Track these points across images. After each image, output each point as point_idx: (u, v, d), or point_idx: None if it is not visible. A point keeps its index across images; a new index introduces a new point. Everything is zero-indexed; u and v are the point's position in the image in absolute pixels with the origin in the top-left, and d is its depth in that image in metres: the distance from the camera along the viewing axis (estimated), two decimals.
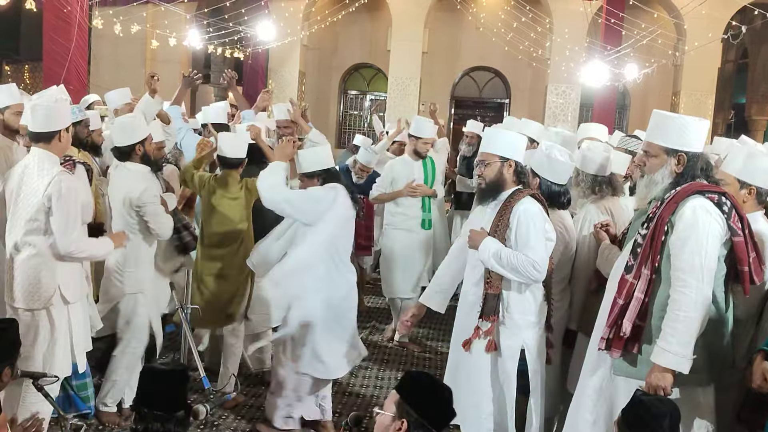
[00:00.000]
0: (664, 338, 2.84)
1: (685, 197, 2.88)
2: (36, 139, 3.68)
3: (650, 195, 3.06)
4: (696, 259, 2.81)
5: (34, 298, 3.62)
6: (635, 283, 2.95)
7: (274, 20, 14.31)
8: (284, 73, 15.66)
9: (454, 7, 14.74)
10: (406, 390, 2.46)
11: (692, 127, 2.97)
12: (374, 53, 16.44)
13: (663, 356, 2.83)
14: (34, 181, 3.60)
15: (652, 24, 12.88)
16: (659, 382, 2.84)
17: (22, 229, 3.62)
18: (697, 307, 2.80)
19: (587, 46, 14.26)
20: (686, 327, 2.80)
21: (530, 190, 3.64)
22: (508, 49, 14.67)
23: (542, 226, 3.46)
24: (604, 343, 3.02)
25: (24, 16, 16.31)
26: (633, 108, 15.98)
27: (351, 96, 17.41)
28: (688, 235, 2.83)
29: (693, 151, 2.95)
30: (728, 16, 12.80)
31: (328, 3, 15.38)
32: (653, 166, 3.02)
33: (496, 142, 3.65)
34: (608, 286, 3.26)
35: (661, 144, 2.99)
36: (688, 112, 13.10)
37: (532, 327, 3.55)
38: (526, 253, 3.39)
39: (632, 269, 2.97)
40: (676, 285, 2.84)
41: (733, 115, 18.02)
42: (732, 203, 2.91)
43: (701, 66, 14.22)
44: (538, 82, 15.65)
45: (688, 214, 2.85)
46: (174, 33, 13.50)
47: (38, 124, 3.65)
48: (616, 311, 2.99)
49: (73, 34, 9.49)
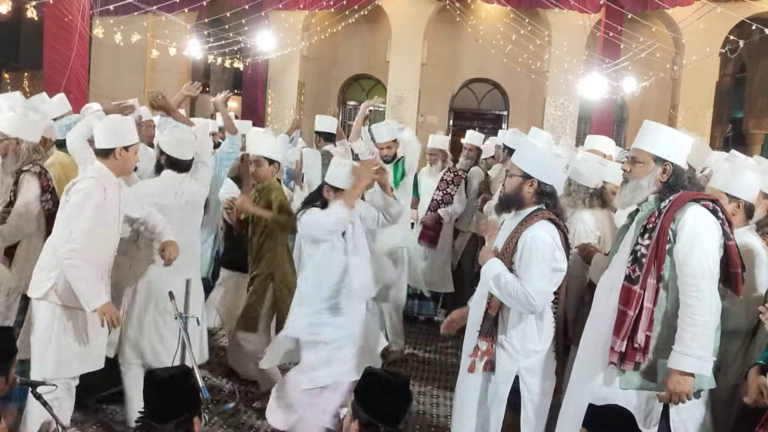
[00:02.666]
0: (684, 343, 2.86)
1: (683, 206, 2.96)
2: None
3: (635, 200, 3.14)
4: (704, 264, 2.89)
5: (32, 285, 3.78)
6: (642, 294, 2.97)
7: (273, 31, 14.37)
8: (284, 84, 15.70)
9: (453, 20, 14.81)
10: (359, 390, 2.51)
11: (681, 141, 3.09)
12: (373, 64, 16.49)
13: (685, 361, 2.85)
14: None
15: (650, 38, 12.95)
16: (681, 388, 2.87)
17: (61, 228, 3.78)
18: (712, 310, 2.87)
19: (586, 59, 14.32)
20: (704, 330, 2.85)
21: (548, 213, 3.43)
22: (506, 62, 14.73)
23: (549, 256, 3.32)
24: (617, 356, 3.01)
25: (24, 24, 16.36)
26: (631, 121, 16.03)
27: (350, 107, 17.44)
28: (693, 241, 2.90)
29: (678, 164, 3.07)
30: (726, 30, 12.87)
31: (327, 14, 15.44)
32: (640, 172, 3.10)
33: (524, 157, 3.51)
34: (597, 298, 3.28)
35: (650, 151, 3.08)
36: (686, 126, 13.15)
37: (531, 355, 3.43)
38: (523, 282, 3.28)
39: (638, 280, 2.99)
40: (689, 291, 2.89)
41: (731, 129, 18.08)
42: (722, 210, 3.02)
43: (699, 80, 14.28)
44: (537, 95, 15.70)
45: (690, 222, 2.92)
46: (174, 42, 13.55)
47: None
48: (628, 323, 2.98)
49: (73, 42, 9.53)
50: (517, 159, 3.52)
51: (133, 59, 14.73)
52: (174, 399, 2.45)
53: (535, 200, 3.46)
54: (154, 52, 14.00)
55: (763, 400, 2.71)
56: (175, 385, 2.49)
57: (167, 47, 13.43)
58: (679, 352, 2.87)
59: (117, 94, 9.97)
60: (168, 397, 2.45)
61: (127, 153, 3.87)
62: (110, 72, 14.87)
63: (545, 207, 3.46)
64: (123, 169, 3.93)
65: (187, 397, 2.50)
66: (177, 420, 2.40)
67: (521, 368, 3.43)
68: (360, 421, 2.44)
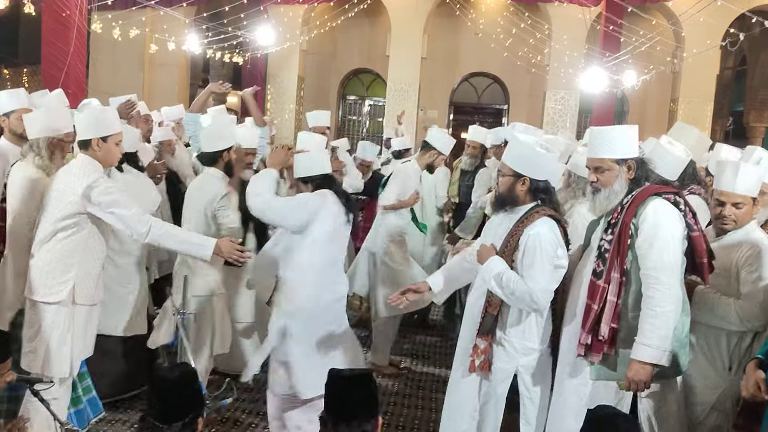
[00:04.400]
0: (643, 334, 2.97)
1: (644, 200, 3.04)
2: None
3: (611, 205, 3.20)
4: (665, 256, 2.97)
5: (45, 290, 3.65)
6: (607, 288, 3.06)
7: (273, 25, 14.32)
8: (283, 78, 15.66)
9: (453, 13, 14.76)
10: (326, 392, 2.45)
11: (630, 135, 3.18)
12: (373, 58, 16.44)
13: (644, 351, 2.96)
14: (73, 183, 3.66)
15: (650, 31, 12.90)
16: (640, 377, 2.97)
17: (51, 227, 3.67)
18: (671, 301, 2.96)
19: (586, 53, 14.28)
20: (663, 322, 2.95)
21: (548, 209, 3.40)
22: (507, 55, 14.68)
23: (552, 253, 3.28)
24: (583, 348, 3.11)
25: (23, 20, 16.30)
26: (631, 114, 15.97)
27: (350, 101, 17.40)
28: (654, 234, 2.99)
29: (637, 157, 3.18)
30: (726, 23, 12.82)
31: (327, 8, 15.39)
32: (609, 179, 3.18)
33: (514, 155, 3.46)
34: (572, 293, 3.36)
35: (609, 157, 3.16)
36: (687, 119, 13.15)
37: (530, 353, 3.41)
38: (527, 281, 3.25)
39: (602, 274, 3.08)
40: (649, 283, 2.99)
41: (732, 122, 18.04)
42: (685, 201, 3.09)
43: (699, 73, 14.24)
44: (537, 88, 15.66)
45: (650, 216, 3.01)
46: (173, 37, 13.50)
47: None
48: (592, 316, 3.09)
49: (71, 38, 9.47)
50: (507, 158, 3.48)
51: (132, 54, 14.68)
52: (180, 400, 2.43)
53: (530, 197, 3.43)
54: (152, 46, 13.95)
55: (760, 395, 2.72)
56: (182, 386, 2.46)
57: (166, 42, 13.37)
58: (639, 342, 2.98)
59: (116, 89, 9.90)
60: (175, 399, 2.43)
61: (106, 144, 3.77)
62: (109, 67, 14.82)
63: (541, 203, 3.42)
64: (105, 160, 3.82)
65: (192, 398, 2.48)
66: (183, 421, 2.39)
67: (520, 366, 3.42)
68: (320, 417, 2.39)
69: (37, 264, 3.69)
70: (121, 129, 3.96)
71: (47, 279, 3.67)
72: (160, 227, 3.72)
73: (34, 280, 3.68)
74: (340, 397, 2.38)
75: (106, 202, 3.64)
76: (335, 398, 2.39)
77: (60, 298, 3.66)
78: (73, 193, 3.63)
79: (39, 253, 3.70)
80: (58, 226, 3.66)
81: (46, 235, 3.69)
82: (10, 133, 4.43)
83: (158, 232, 3.69)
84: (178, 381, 2.46)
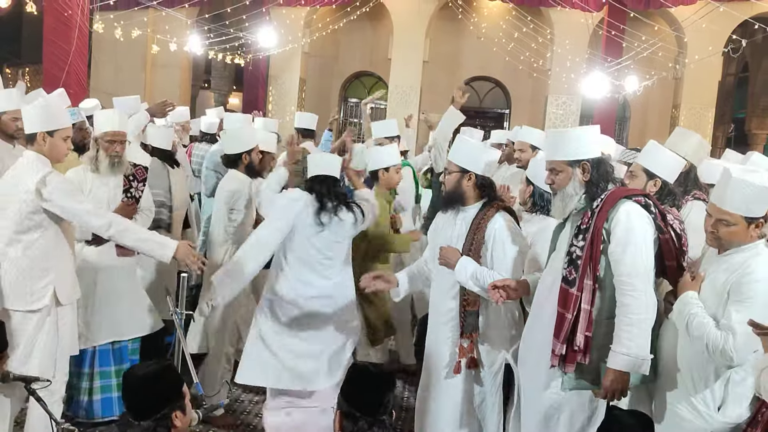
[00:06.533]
0: (620, 342, 2.88)
1: (614, 204, 2.97)
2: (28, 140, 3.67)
3: (568, 209, 3.13)
4: (639, 262, 2.89)
5: (27, 298, 3.56)
6: (580, 296, 2.97)
7: (275, 27, 14.33)
8: (285, 80, 15.65)
9: (455, 17, 14.77)
10: (344, 382, 2.61)
11: (587, 136, 3.11)
12: (375, 61, 16.44)
13: (621, 359, 2.87)
14: (24, 179, 3.53)
15: (652, 36, 12.90)
16: (617, 386, 2.89)
17: (12, 228, 3.55)
18: (648, 308, 2.88)
19: (588, 58, 14.28)
20: (640, 329, 2.86)
21: (501, 203, 3.57)
22: (508, 60, 14.68)
23: (519, 242, 3.45)
24: (558, 359, 3.02)
25: (26, 20, 16.34)
26: (633, 120, 15.96)
27: (351, 104, 17.40)
28: (627, 239, 2.90)
29: (593, 157, 3.07)
30: (729, 29, 12.81)
31: (329, 10, 15.39)
32: (562, 181, 3.12)
33: (459, 152, 3.60)
34: (537, 297, 3.27)
35: (562, 159, 3.10)
36: (688, 126, 13.13)
37: (512, 341, 3.49)
38: (502, 274, 3.36)
39: (575, 282, 2.98)
40: (625, 290, 2.90)
41: (733, 129, 18.03)
42: (655, 203, 3.03)
43: (702, 79, 14.23)
44: (539, 93, 15.66)
45: (623, 220, 2.93)
46: (175, 38, 13.50)
47: None
48: (566, 326, 2.99)
49: (73, 37, 9.49)
50: (452, 155, 3.60)
51: (134, 55, 14.67)
52: (151, 396, 2.43)
53: (477, 194, 3.54)
54: (154, 47, 13.95)
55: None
56: (153, 381, 2.46)
57: (168, 43, 13.37)
58: (616, 351, 2.88)
59: (117, 89, 9.93)
60: (145, 394, 2.44)
61: (52, 139, 3.61)
62: (110, 67, 14.82)
63: (489, 199, 3.54)
64: (51, 155, 3.63)
65: (165, 393, 2.46)
66: (155, 417, 2.39)
67: (507, 356, 3.46)
68: (341, 411, 2.50)
69: (9, 272, 3.55)
70: (69, 125, 3.81)
71: (25, 287, 3.56)
72: (120, 223, 3.64)
73: (9, 289, 3.54)
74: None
75: (57, 197, 3.53)
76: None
77: (44, 304, 3.58)
78: (27, 190, 3.51)
79: (6, 261, 3.55)
80: (20, 228, 3.55)
81: (9, 240, 3.55)
82: (2, 132, 4.41)
83: (118, 229, 3.61)
84: (147, 377, 2.46)
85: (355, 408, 2.48)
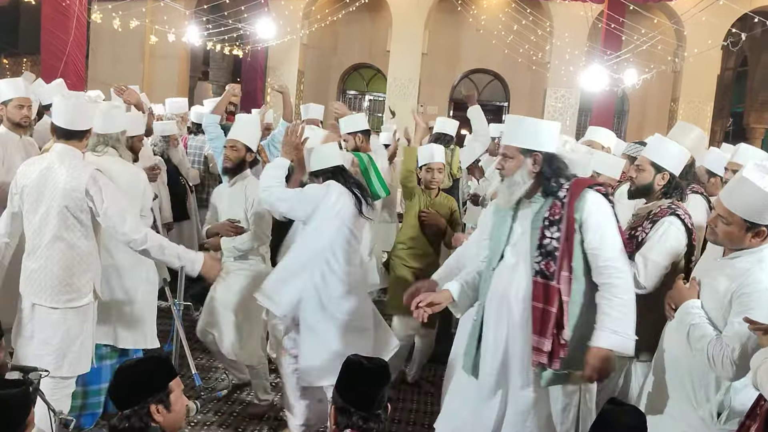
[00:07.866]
0: (612, 321, 2.89)
1: (580, 194, 3.00)
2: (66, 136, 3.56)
3: (514, 196, 3.09)
4: (617, 245, 2.98)
5: (73, 294, 3.54)
6: (560, 288, 2.96)
7: (273, 18, 14.29)
8: (283, 72, 15.62)
9: (454, 9, 14.74)
10: (338, 377, 2.61)
11: (544, 129, 3.09)
12: (374, 53, 16.42)
13: (612, 338, 2.88)
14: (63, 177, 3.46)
15: (652, 30, 12.89)
16: (605, 365, 2.89)
17: (55, 226, 3.49)
18: (632, 289, 2.97)
19: (587, 51, 14.27)
20: (629, 310, 2.92)
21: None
22: (507, 52, 14.67)
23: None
24: (545, 356, 2.95)
25: (24, 10, 16.25)
26: (632, 113, 15.98)
27: (350, 96, 17.39)
28: (603, 227, 2.97)
29: (547, 151, 3.05)
30: (728, 23, 12.82)
31: (328, 2, 15.36)
32: (511, 168, 3.10)
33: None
34: (489, 295, 3.17)
35: (516, 146, 3.09)
36: (687, 119, 13.13)
37: None
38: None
39: (555, 275, 2.96)
40: (612, 273, 2.93)
41: (732, 123, 18.03)
42: (609, 194, 3.12)
43: (700, 73, 14.24)
44: (538, 86, 15.65)
45: (594, 210, 2.98)
46: (173, 29, 13.46)
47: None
48: (551, 321, 2.95)
49: (71, 27, 9.46)
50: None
51: (132, 45, 14.65)
52: (126, 386, 2.43)
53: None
54: (152, 38, 13.94)
55: None
56: (131, 372, 2.47)
57: (166, 33, 13.34)
58: (607, 329, 2.88)
59: (115, 80, 9.87)
60: (122, 384, 2.45)
61: None
62: (109, 58, 14.79)
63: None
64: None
65: (143, 385, 2.43)
66: (132, 409, 2.38)
67: None
68: (335, 406, 2.53)
69: (51, 269, 3.50)
70: None
71: (70, 285, 3.53)
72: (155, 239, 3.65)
73: (52, 286, 3.50)
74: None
75: (109, 203, 3.51)
76: (352, 385, 2.54)
77: (88, 300, 3.59)
78: (74, 188, 3.46)
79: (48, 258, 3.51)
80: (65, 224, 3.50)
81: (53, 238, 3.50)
82: (8, 121, 4.41)
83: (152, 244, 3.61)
84: (128, 367, 2.50)
85: (349, 403, 2.49)
